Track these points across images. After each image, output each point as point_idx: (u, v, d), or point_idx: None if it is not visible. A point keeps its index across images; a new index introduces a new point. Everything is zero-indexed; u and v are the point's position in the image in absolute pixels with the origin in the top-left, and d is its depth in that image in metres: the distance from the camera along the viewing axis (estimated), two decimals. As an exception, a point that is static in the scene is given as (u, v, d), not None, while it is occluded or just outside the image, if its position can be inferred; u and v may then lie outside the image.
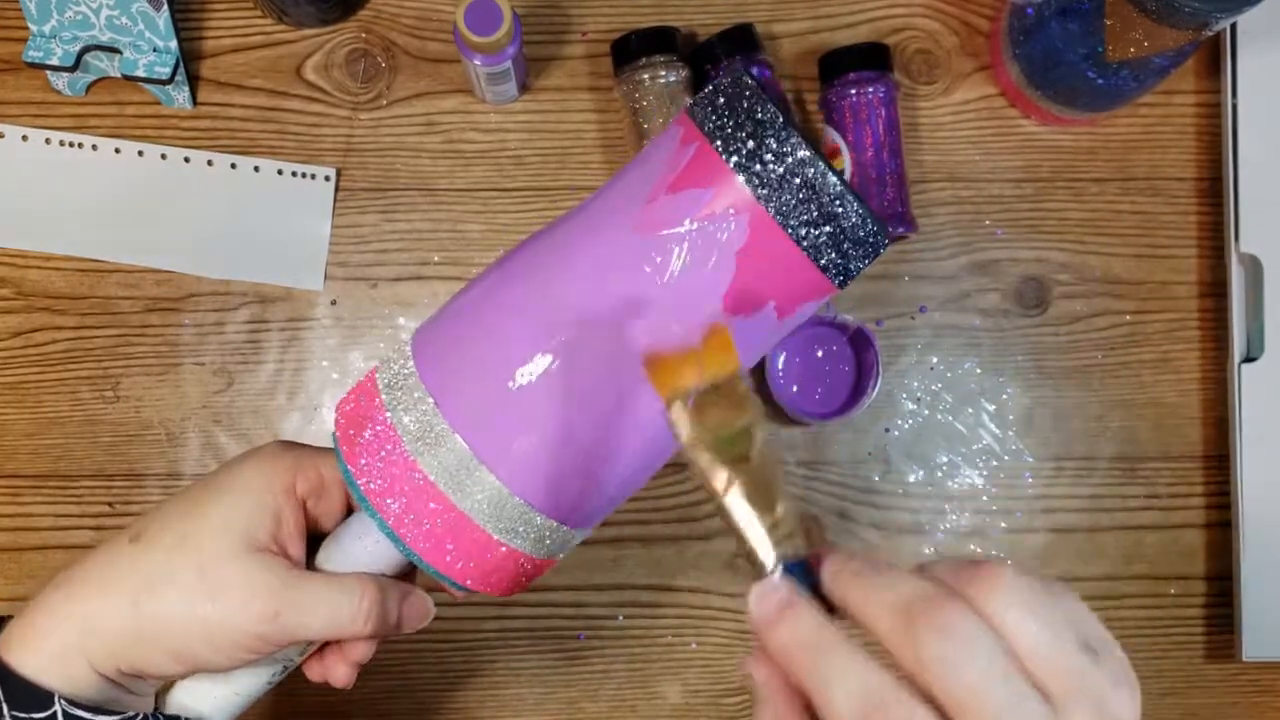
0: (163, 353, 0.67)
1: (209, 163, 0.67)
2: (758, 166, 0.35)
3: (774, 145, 0.35)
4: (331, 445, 0.43)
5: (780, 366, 0.66)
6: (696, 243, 0.36)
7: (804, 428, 0.67)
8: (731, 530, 0.32)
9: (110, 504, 0.66)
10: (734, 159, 0.36)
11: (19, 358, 0.67)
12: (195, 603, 0.39)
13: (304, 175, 0.67)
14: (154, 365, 0.67)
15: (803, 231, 0.36)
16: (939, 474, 0.68)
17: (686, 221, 0.36)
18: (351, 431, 0.40)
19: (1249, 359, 0.66)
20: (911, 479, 0.68)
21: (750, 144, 0.36)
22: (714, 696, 0.67)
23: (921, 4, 0.70)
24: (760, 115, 0.36)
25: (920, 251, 0.68)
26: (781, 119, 0.36)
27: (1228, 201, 0.66)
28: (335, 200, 0.68)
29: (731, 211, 0.36)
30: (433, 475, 0.38)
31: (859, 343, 0.66)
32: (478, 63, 0.62)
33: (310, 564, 0.43)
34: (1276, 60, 0.67)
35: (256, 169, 0.67)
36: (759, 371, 0.67)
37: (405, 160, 0.68)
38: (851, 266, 0.37)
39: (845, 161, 0.65)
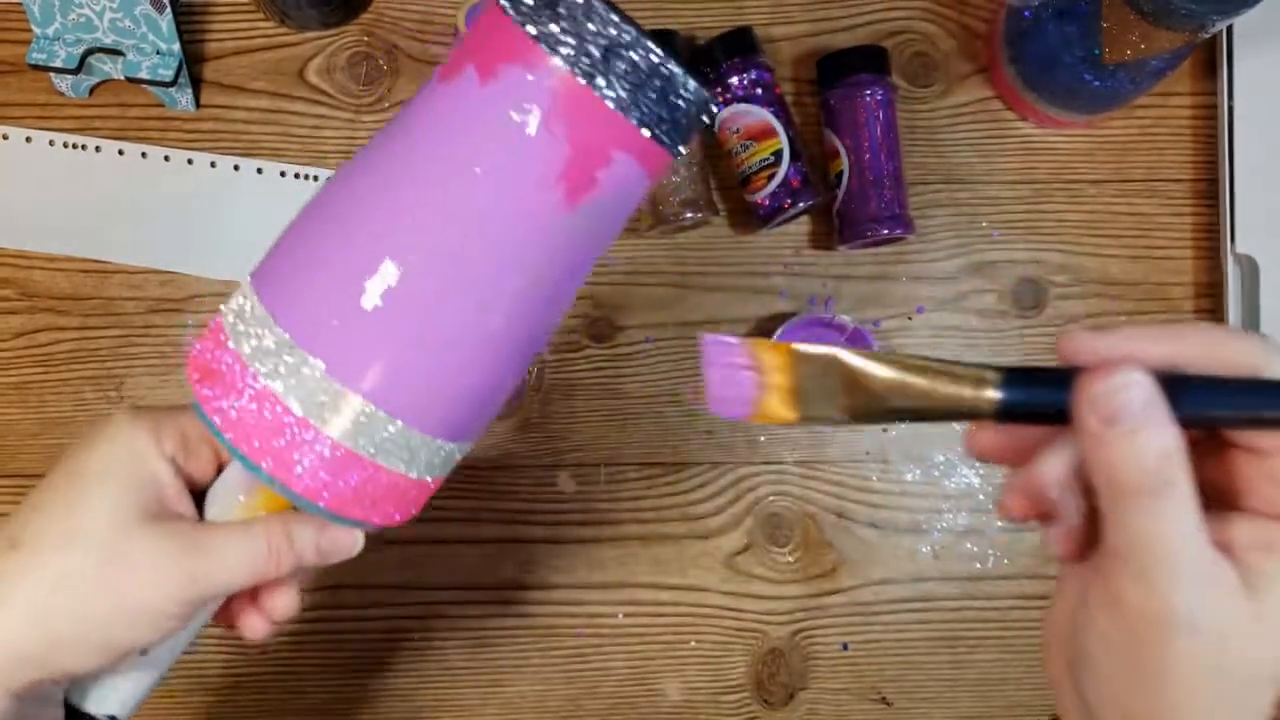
0: (166, 353, 0.67)
1: (212, 165, 0.68)
2: (563, 35, 0.34)
3: (576, 15, 0.34)
4: (188, 403, 0.40)
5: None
6: (522, 117, 0.35)
7: (803, 427, 0.68)
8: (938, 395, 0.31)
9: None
10: (538, 30, 0.35)
11: (23, 358, 0.67)
12: (108, 591, 0.37)
13: (306, 177, 0.68)
14: (157, 365, 0.67)
15: (620, 93, 0.35)
16: (936, 473, 0.68)
17: (508, 100, 0.35)
18: (204, 376, 0.38)
19: (1244, 359, 0.66)
20: (909, 478, 0.68)
21: (553, 18, 0.35)
22: (713, 694, 0.68)
23: (919, 7, 0.70)
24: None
25: (917, 253, 0.69)
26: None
27: (1224, 203, 0.67)
28: (337, 202, 0.68)
29: (546, 82, 0.35)
30: (292, 404, 0.36)
31: (856, 343, 0.66)
32: (479, 65, 0.62)
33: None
34: (1272, 62, 0.67)
35: (259, 171, 0.68)
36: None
37: (406, 162, 0.68)
38: (678, 130, 0.36)
39: (843, 164, 0.65)
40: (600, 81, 0.35)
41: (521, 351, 0.39)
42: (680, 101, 0.36)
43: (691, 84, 0.35)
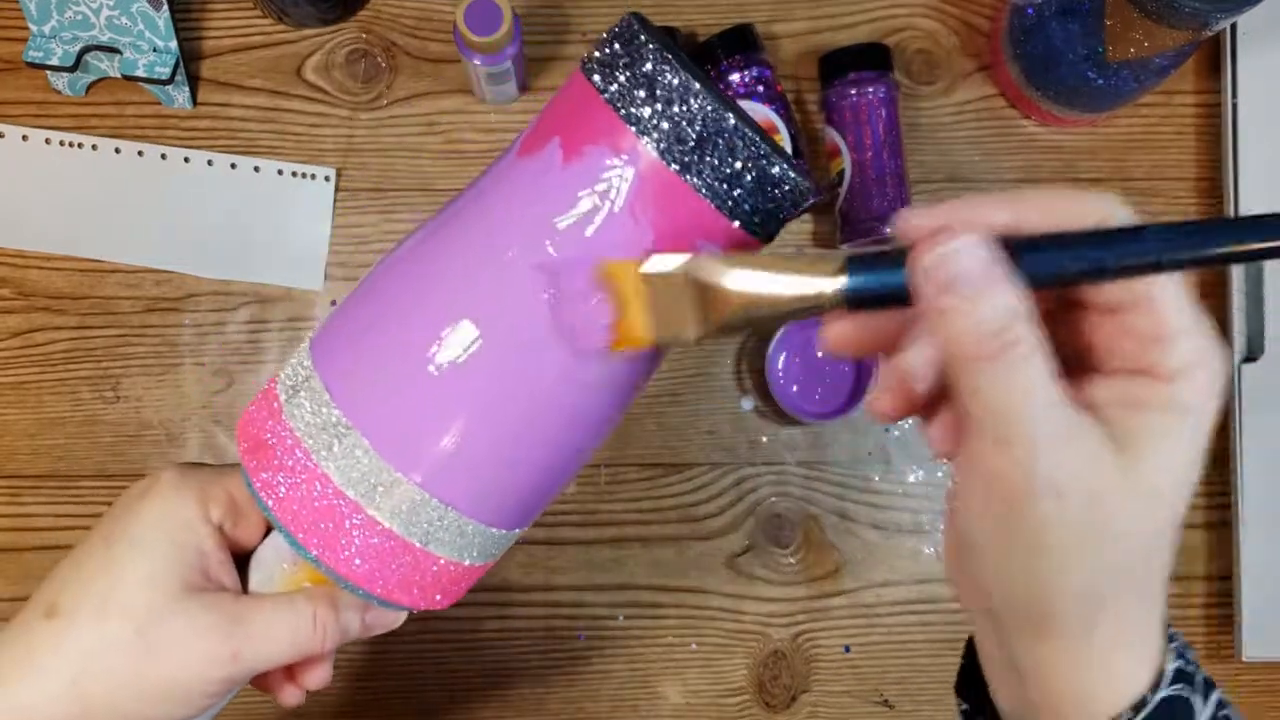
0: (163, 353, 0.67)
1: (209, 163, 0.67)
2: (656, 120, 0.33)
3: (672, 98, 0.33)
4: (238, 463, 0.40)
5: (780, 366, 0.66)
6: (604, 202, 0.33)
7: (804, 428, 0.67)
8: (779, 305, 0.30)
9: (111, 504, 0.66)
10: (628, 112, 0.33)
11: (19, 358, 0.67)
12: (142, 665, 0.36)
13: (304, 175, 0.67)
14: (154, 365, 0.67)
15: (712, 182, 0.33)
16: (939, 474, 0.68)
17: (591, 182, 0.33)
18: (253, 445, 0.37)
19: (1249, 359, 0.66)
20: (911, 479, 0.68)
21: (647, 101, 0.33)
22: (714, 696, 0.67)
23: (922, 4, 0.70)
24: (652, 68, 0.33)
25: (920, 251, 0.68)
26: (677, 69, 0.33)
27: (1227, 201, 0.66)
28: (335, 200, 0.68)
29: (633, 167, 0.33)
30: (342, 485, 0.35)
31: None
32: (478, 63, 0.62)
33: (245, 590, 0.40)
34: (1276, 60, 0.67)
35: (256, 169, 0.67)
36: (759, 372, 0.67)
37: (405, 160, 0.68)
38: (771, 221, 0.35)
39: (845, 162, 0.65)
40: (692, 170, 0.33)
41: (585, 443, 0.37)
42: (776, 192, 0.34)
43: (791, 176, 0.33)
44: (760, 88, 0.64)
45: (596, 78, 0.34)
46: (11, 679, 0.36)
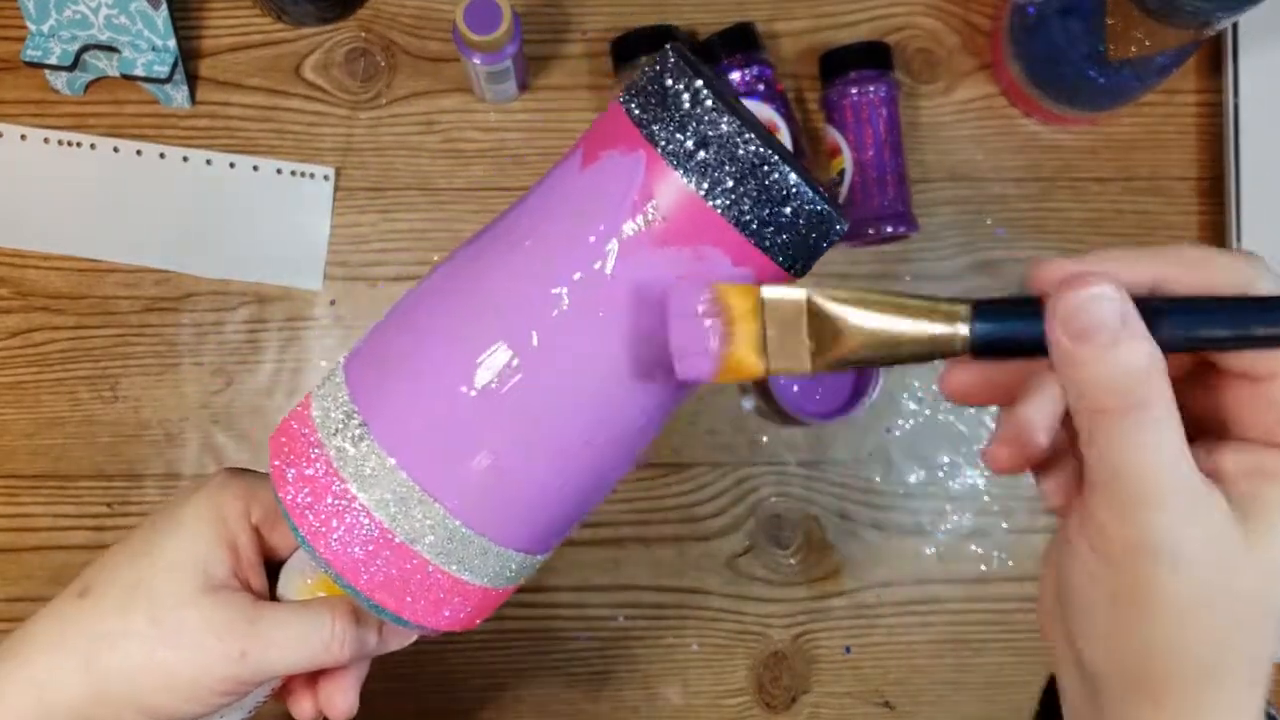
0: (161, 352, 0.67)
1: (208, 162, 0.67)
2: (698, 154, 0.32)
3: (709, 134, 0.32)
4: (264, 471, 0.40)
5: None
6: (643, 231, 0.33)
7: (804, 428, 0.67)
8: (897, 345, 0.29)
9: (109, 504, 0.66)
10: (666, 147, 0.32)
11: (17, 358, 0.66)
12: (153, 652, 0.36)
13: (303, 174, 0.67)
14: (152, 365, 0.67)
15: (749, 219, 0.33)
16: (940, 474, 0.68)
17: (628, 209, 0.33)
18: (284, 463, 0.37)
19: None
20: (913, 479, 0.68)
21: (687, 140, 0.32)
22: (715, 698, 0.67)
23: (923, 3, 0.69)
24: (691, 105, 0.32)
25: (921, 251, 0.68)
26: (716, 104, 0.32)
27: (1229, 201, 0.66)
28: (334, 200, 0.67)
29: (675, 202, 0.32)
30: (373, 507, 0.35)
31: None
32: (477, 61, 0.62)
33: (273, 594, 0.40)
34: (1278, 59, 0.67)
35: (255, 168, 0.67)
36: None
37: (405, 160, 0.68)
38: (807, 258, 0.34)
39: (846, 160, 0.65)
40: (734, 210, 0.32)
41: (619, 471, 0.37)
42: (815, 233, 0.33)
43: (833, 215, 0.33)
44: (761, 86, 0.64)
45: (633, 108, 0.33)
46: (35, 655, 0.37)
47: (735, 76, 0.64)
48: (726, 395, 0.68)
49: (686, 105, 0.32)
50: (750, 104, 0.64)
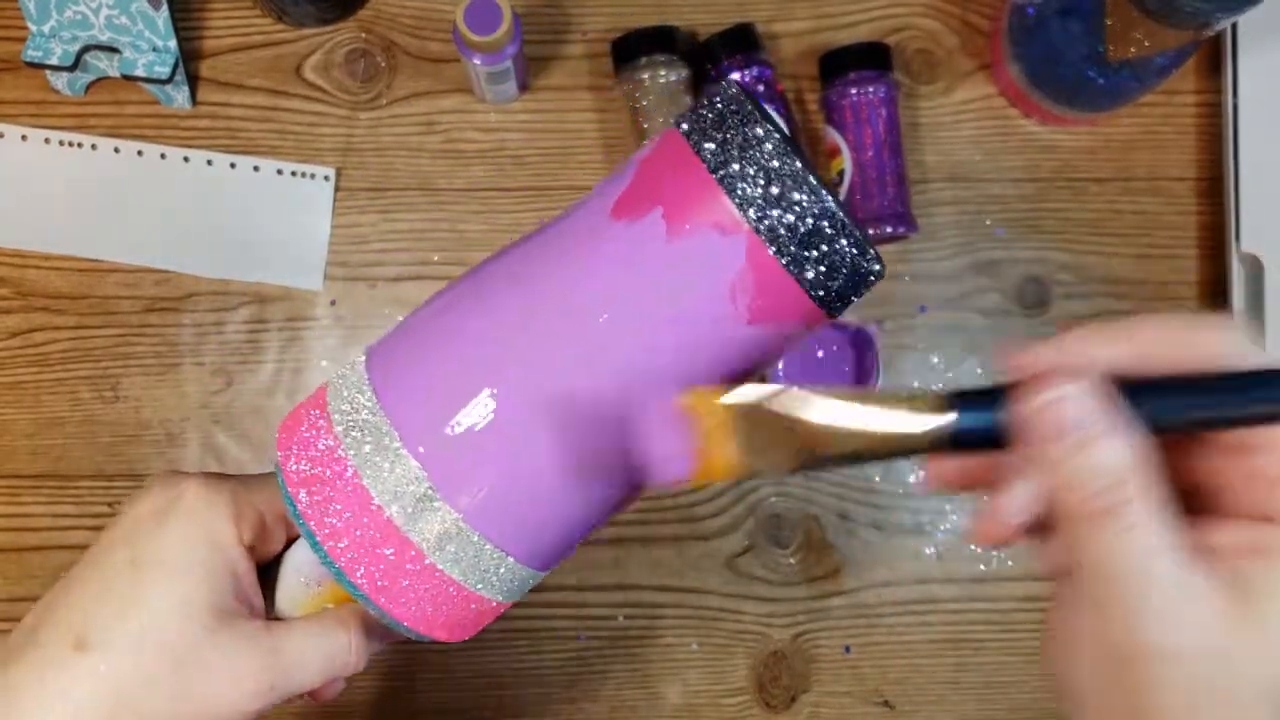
0: (162, 353, 0.67)
1: (208, 162, 0.67)
2: (768, 207, 0.32)
3: (786, 189, 0.32)
4: (262, 471, 0.39)
5: (780, 367, 0.66)
6: (705, 283, 0.33)
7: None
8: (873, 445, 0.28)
9: (109, 504, 0.66)
10: (740, 194, 0.33)
11: (18, 358, 0.67)
12: (179, 701, 0.34)
13: (303, 175, 0.67)
14: (153, 365, 0.67)
15: (812, 274, 0.33)
16: (939, 474, 0.68)
17: (695, 262, 0.33)
18: (297, 458, 0.36)
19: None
20: (912, 479, 0.68)
21: (760, 186, 0.32)
22: (715, 697, 0.67)
23: (922, 4, 0.69)
24: (770, 151, 0.33)
25: (921, 251, 0.68)
26: (784, 151, 0.33)
27: (1228, 201, 0.66)
28: (335, 200, 0.67)
29: (741, 252, 0.33)
30: (387, 508, 0.34)
31: (859, 343, 0.66)
32: (477, 62, 0.62)
33: (267, 598, 0.39)
34: (1277, 60, 0.67)
35: (256, 169, 0.67)
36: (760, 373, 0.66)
37: (405, 160, 0.68)
38: (846, 302, 0.35)
39: (845, 161, 0.65)
40: (797, 262, 0.33)
41: (627, 497, 0.37)
42: (863, 283, 0.34)
43: (879, 266, 0.34)
44: (760, 87, 0.64)
45: (707, 149, 0.33)
46: (46, 711, 0.34)
47: (735, 77, 0.64)
48: (726, 395, 0.68)
49: (790, 186, 0.32)
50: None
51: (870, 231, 0.64)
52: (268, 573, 0.39)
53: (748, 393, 0.30)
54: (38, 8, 0.64)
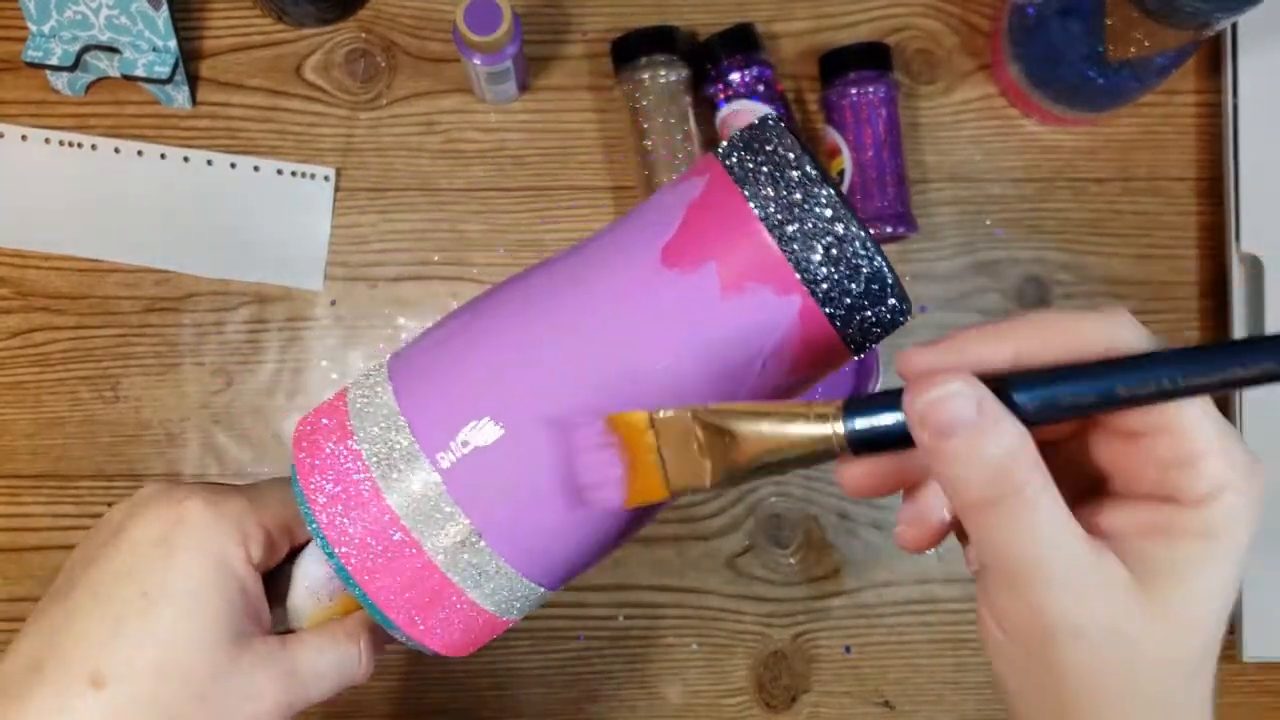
0: (162, 353, 0.67)
1: (208, 162, 0.67)
2: (824, 268, 0.33)
3: (844, 251, 0.33)
4: (260, 471, 0.39)
5: (781, 366, 0.66)
6: (756, 339, 0.34)
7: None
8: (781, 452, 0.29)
9: (110, 504, 0.66)
10: (798, 258, 0.33)
11: (18, 358, 0.67)
12: None
13: (303, 175, 0.67)
14: (153, 365, 0.67)
15: (858, 333, 0.34)
16: (939, 474, 0.68)
17: (748, 320, 0.33)
18: (316, 469, 0.36)
19: (1250, 359, 0.66)
20: (912, 479, 0.68)
21: (818, 249, 0.33)
22: (715, 697, 0.67)
23: (922, 3, 0.69)
24: (831, 216, 0.33)
25: (921, 251, 0.68)
26: (829, 193, 0.33)
27: (1228, 201, 0.66)
28: (335, 200, 0.67)
29: (794, 312, 0.33)
30: (404, 519, 0.34)
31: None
32: (478, 62, 0.62)
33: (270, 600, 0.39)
34: (1277, 60, 0.67)
35: (256, 169, 0.67)
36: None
37: (405, 160, 0.68)
38: (857, 319, 0.35)
39: (845, 161, 0.65)
40: (848, 321, 0.33)
41: (640, 523, 0.38)
42: (894, 325, 0.34)
43: (907, 317, 0.35)
44: (760, 87, 0.64)
45: (763, 203, 0.33)
46: None
47: (735, 77, 0.64)
48: (726, 395, 0.68)
49: (849, 250, 0.33)
50: (750, 105, 0.64)
51: (870, 232, 0.64)
52: (271, 580, 0.39)
53: (663, 413, 0.31)
54: (38, 8, 0.64)
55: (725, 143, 0.35)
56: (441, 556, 0.35)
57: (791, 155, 0.33)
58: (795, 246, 0.33)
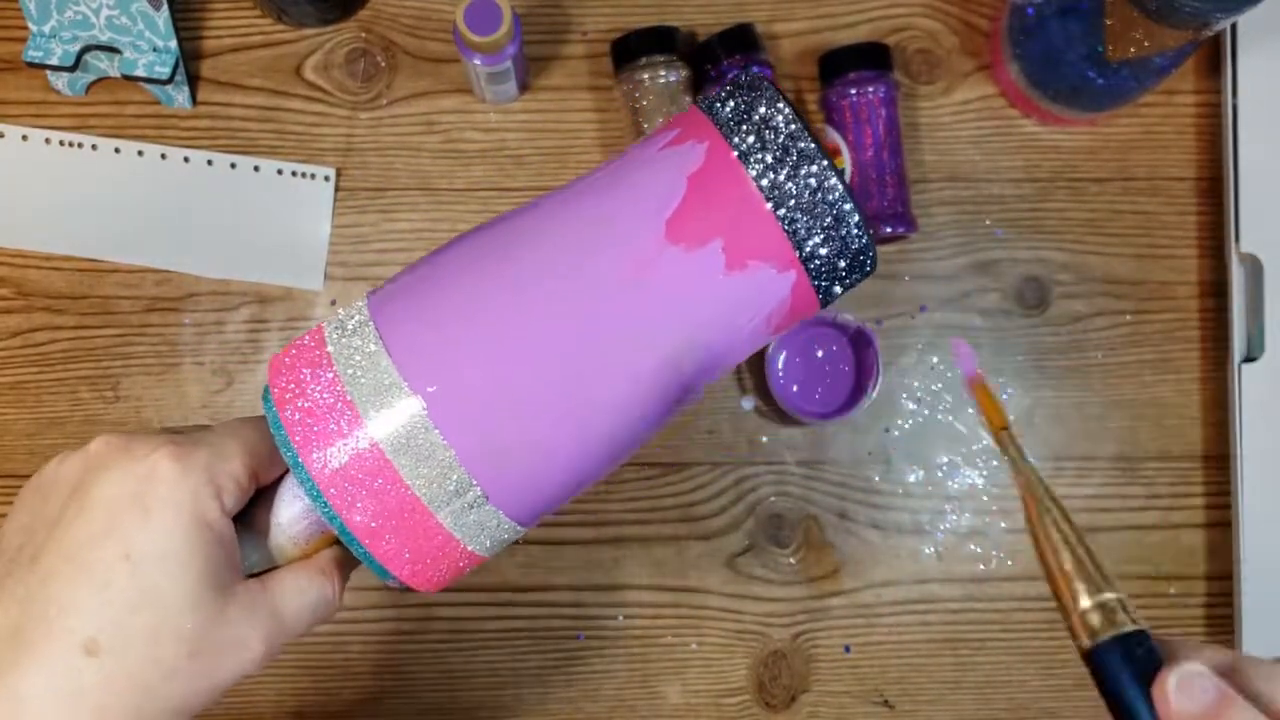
0: (162, 353, 0.67)
1: (209, 162, 0.67)
2: (821, 247, 0.35)
3: (839, 229, 0.35)
4: (227, 423, 0.39)
5: (780, 366, 0.66)
6: (752, 311, 0.36)
7: (803, 427, 0.67)
8: (1052, 573, 0.33)
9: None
10: (800, 239, 0.35)
11: (18, 358, 0.67)
12: (198, 682, 0.35)
13: (304, 175, 0.67)
14: (154, 365, 0.67)
15: (830, 292, 0.37)
16: (939, 474, 0.68)
17: (748, 295, 0.36)
18: (293, 403, 0.35)
19: (1249, 359, 0.66)
20: (911, 479, 0.68)
21: (820, 231, 0.35)
22: (714, 696, 0.67)
23: (922, 4, 0.69)
24: (780, 129, 0.36)
25: (920, 251, 0.68)
26: (801, 131, 0.36)
27: (1228, 201, 0.66)
28: (335, 200, 0.68)
29: (788, 287, 0.36)
30: (384, 447, 0.34)
31: (859, 343, 0.66)
32: (478, 62, 0.62)
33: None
34: (1276, 60, 0.67)
35: (256, 169, 0.67)
36: (759, 372, 0.66)
37: (405, 160, 0.68)
38: (836, 288, 0.37)
39: (846, 161, 0.65)
40: (834, 289, 0.37)
41: (619, 460, 0.39)
42: (864, 275, 0.38)
43: (875, 261, 0.37)
44: (760, 87, 0.64)
45: (767, 179, 0.35)
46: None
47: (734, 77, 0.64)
48: (727, 395, 0.68)
49: (844, 225, 0.35)
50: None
51: (870, 231, 0.64)
52: (239, 522, 0.39)
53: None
54: (38, 8, 0.64)
55: (716, 102, 0.36)
56: (424, 488, 0.35)
57: (794, 127, 0.36)
58: (799, 227, 0.35)
